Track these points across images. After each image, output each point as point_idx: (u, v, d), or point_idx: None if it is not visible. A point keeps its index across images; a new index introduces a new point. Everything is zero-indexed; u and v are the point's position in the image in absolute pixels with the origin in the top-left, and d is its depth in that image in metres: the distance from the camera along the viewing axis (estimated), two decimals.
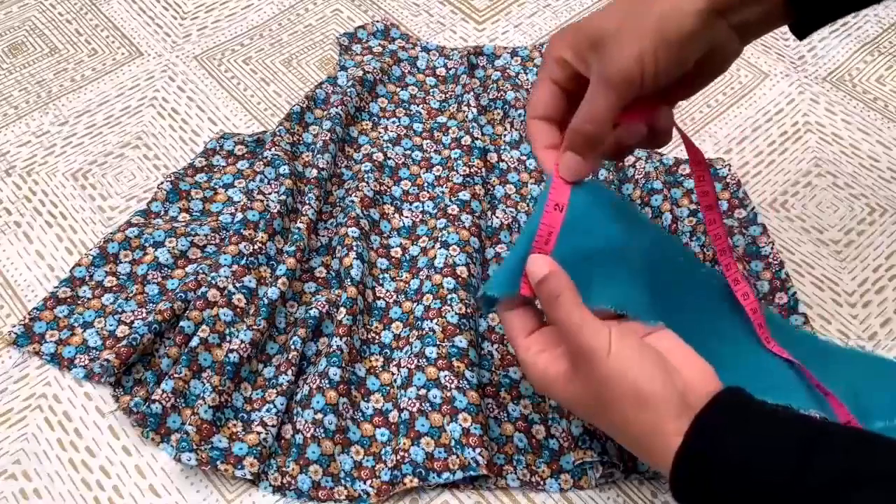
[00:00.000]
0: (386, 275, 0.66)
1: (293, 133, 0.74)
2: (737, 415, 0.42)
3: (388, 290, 0.65)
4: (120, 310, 0.63)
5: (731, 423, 0.42)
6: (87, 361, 0.61)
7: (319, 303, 0.62)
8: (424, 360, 0.59)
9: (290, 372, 0.59)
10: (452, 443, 0.55)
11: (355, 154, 0.74)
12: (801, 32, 0.48)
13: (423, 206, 0.70)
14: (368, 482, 0.56)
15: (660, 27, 0.44)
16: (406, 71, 0.81)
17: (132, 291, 0.64)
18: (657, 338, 0.48)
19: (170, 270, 0.66)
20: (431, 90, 0.80)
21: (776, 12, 0.47)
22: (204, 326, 0.60)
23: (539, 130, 0.50)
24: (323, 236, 0.68)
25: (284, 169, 0.69)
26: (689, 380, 0.44)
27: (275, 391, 0.59)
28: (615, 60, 0.45)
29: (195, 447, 0.55)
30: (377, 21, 0.85)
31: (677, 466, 0.42)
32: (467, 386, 0.57)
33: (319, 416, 0.56)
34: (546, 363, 0.48)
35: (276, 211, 0.66)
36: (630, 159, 0.70)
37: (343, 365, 0.58)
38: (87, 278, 0.66)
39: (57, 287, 0.65)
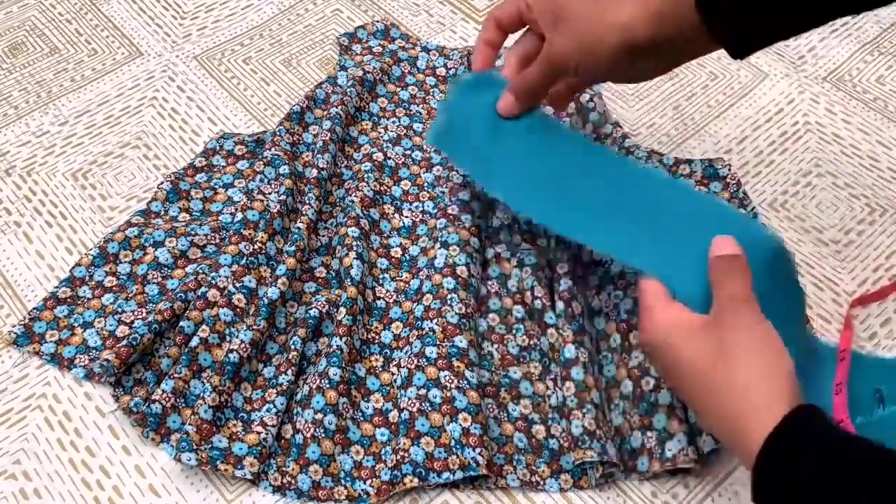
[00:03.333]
0: (386, 275, 0.66)
1: (293, 133, 0.74)
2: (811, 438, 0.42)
3: (388, 290, 0.65)
4: (120, 310, 0.63)
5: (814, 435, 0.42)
6: (87, 361, 0.61)
7: (319, 303, 0.62)
8: (424, 360, 0.59)
9: (290, 372, 0.59)
10: (452, 443, 0.55)
11: (355, 154, 0.74)
12: (737, 55, 0.51)
13: (423, 206, 0.70)
14: (368, 482, 0.56)
15: (591, 41, 0.52)
16: (406, 71, 0.81)
17: (132, 291, 0.64)
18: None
19: (170, 270, 0.66)
20: (431, 90, 0.80)
21: (699, 48, 0.52)
22: (204, 326, 0.60)
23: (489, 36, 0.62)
24: (323, 236, 0.68)
25: (284, 169, 0.69)
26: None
27: (275, 391, 0.59)
28: (555, 46, 0.54)
29: (195, 447, 0.55)
30: (377, 21, 0.85)
31: (771, 443, 0.42)
32: (467, 386, 0.57)
33: (319, 416, 0.56)
34: (679, 313, 0.48)
35: (276, 211, 0.66)
36: (630, 159, 0.70)
37: (343, 365, 0.58)
38: (87, 278, 0.66)
39: (57, 287, 0.65)
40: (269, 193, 0.68)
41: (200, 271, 0.64)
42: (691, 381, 0.47)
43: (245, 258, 0.64)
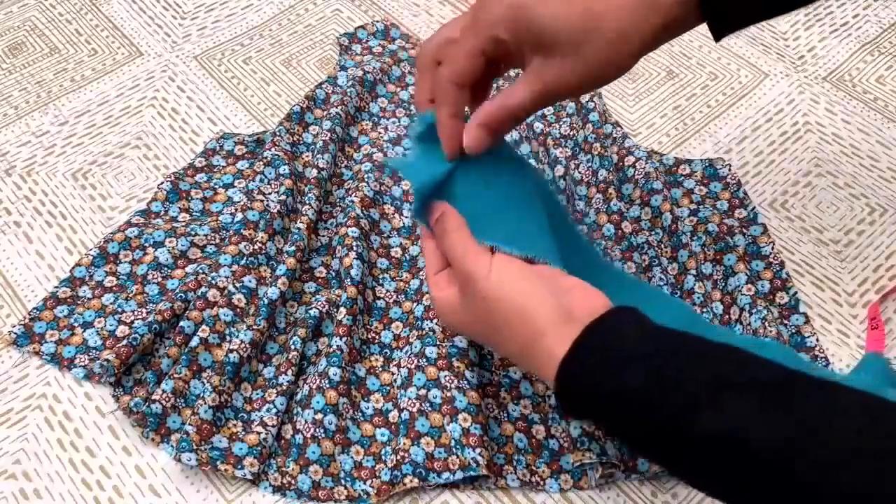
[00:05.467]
0: (386, 275, 0.66)
1: (293, 133, 0.74)
2: (623, 327, 0.45)
3: (388, 290, 0.65)
4: (120, 310, 0.63)
5: (616, 334, 0.44)
6: (87, 361, 0.61)
7: (319, 303, 0.62)
8: (424, 360, 0.59)
9: (290, 372, 0.59)
10: (452, 443, 0.55)
11: (355, 154, 0.74)
12: (716, 35, 0.49)
13: None
14: (368, 482, 0.56)
15: (604, 65, 0.47)
16: (406, 71, 0.81)
17: (132, 291, 0.64)
18: (545, 267, 0.50)
19: (170, 270, 0.66)
20: None
21: (688, 24, 0.48)
22: (204, 326, 0.60)
23: (453, 93, 0.50)
24: (323, 236, 0.68)
25: (284, 169, 0.69)
26: (576, 297, 0.47)
27: (275, 391, 0.59)
28: (560, 75, 0.47)
29: (195, 447, 0.55)
30: (377, 21, 0.85)
31: (564, 367, 0.44)
32: (467, 386, 0.57)
33: (319, 416, 0.56)
34: (445, 294, 0.52)
35: (276, 211, 0.66)
36: (630, 159, 0.70)
37: (343, 365, 0.58)
38: (87, 278, 0.66)
39: (57, 287, 0.65)
40: (269, 193, 0.68)
41: (200, 271, 0.64)
42: (478, 336, 0.52)
43: (245, 258, 0.64)
